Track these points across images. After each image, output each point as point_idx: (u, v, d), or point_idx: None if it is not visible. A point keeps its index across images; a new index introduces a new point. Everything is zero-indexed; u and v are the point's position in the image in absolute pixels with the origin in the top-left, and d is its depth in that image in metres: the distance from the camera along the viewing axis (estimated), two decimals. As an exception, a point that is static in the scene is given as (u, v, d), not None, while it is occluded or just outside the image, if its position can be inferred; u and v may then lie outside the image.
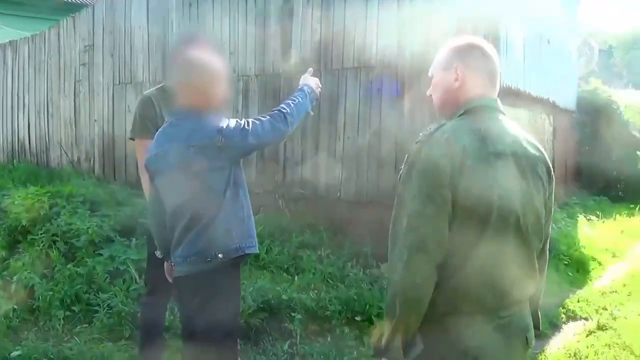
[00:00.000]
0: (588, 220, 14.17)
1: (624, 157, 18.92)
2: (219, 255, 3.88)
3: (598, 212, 15.06)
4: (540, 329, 3.14)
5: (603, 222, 14.48)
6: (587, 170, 17.65)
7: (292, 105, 4.23)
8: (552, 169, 2.94)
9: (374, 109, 8.96)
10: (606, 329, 7.50)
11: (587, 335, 7.34)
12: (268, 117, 4.09)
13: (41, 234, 8.52)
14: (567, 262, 10.17)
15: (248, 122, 3.96)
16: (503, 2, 11.15)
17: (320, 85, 4.71)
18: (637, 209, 16.19)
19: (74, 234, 8.45)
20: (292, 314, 6.78)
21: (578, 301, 8.53)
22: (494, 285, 2.66)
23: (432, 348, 2.66)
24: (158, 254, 4.49)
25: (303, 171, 9.69)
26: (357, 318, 7.01)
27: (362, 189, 9.06)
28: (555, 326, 7.63)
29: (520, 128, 2.95)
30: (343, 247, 8.78)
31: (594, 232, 13.11)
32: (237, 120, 3.96)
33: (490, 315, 2.70)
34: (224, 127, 3.85)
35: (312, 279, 7.69)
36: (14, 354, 5.99)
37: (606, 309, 8.25)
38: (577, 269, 10.18)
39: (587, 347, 6.87)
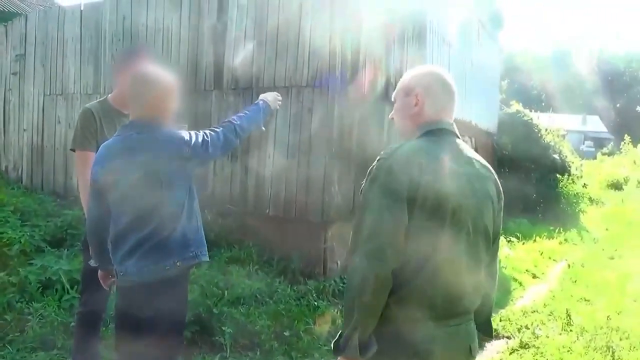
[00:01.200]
0: (508, 241, 14.66)
1: (543, 180, 19.44)
2: (177, 263, 3.99)
3: (518, 234, 15.59)
4: (492, 337, 3.55)
5: (523, 243, 15.06)
6: (507, 192, 17.99)
7: (243, 118, 4.53)
8: (501, 189, 3.23)
9: (304, 128, 9.03)
10: (529, 347, 7.79)
11: (511, 353, 7.60)
12: (221, 128, 4.34)
13: (-28, 243, 8.40)
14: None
15: (206, 134, 4.19)
16: (429, 26, 11.53)
17: (280, 99, 5.06)
18: (556, 231, 16.71)
19: (5, 242, 8.44)
20: (223, 328, 6.85)
21: (500, 320, 8.77)
22: (445, 293, 2.90)
23: (385, 349, 2.84)
24: (92, 262, 4.56)
25: (232, 187, 9.77)
26: (286, 333, 7.14)
27: (290, 206, 9.17)
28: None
29: (472, 150, 3.25)
30: (271, 263, 8.92)
31: (515, 254, 13.58)
32: (196, 132, 4.15)
33: (440, 322, 2.92)
34: (189, 138, 4.04)
35: (241, 294, 7.77)
36: (-56, 363, 5.94)
37: (528, 328, 8.54)
38: (499, 289, 10.44)
39: (511, 365, 7.10)
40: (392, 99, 3.37)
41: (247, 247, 9.19)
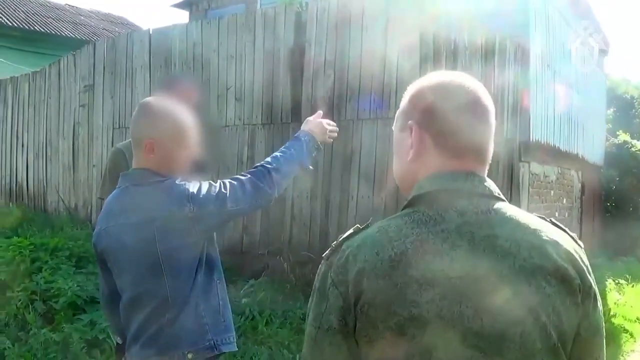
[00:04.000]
0: (617, 284, 13.21)
1: (652, 215, 18.22)
2: (188, 355, 3.09)
3: (627, 275, 14.06)
4: None
5: (633, 286, 13.51)
6: (615, 228, 16.83)
7: (280, 159, 3.37)
8: (577, 280, 1.75)
9: (392, 165, 8.05)
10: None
11: None
12: (249, 175, 3.23)
13: (19, 292, 7.87)
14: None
15: (225, 185, 3.14)
16: (532, 50, 10.56)
17: (333, 129, 3.72)
18: (670, 271, 15.30)
19: (54, 293, 7.77)
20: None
21: (612, 385, 7.52)
22: None
23: None
24: (117, 339, 3.74)
25: (311, 231, 8.93)
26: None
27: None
28: None
29: (535, 221, 1.83)
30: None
31: (624, 298, 12.21)
32: (210, 183, 3.13)
33: None
34: (195, 192, 3.03)
35: (315, 360, 6.77)
36: None
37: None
38: (608, 342, 9.22)
39: None
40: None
41: (327, 301, 8.15)
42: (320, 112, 3.77)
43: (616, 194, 18.54)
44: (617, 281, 13.32)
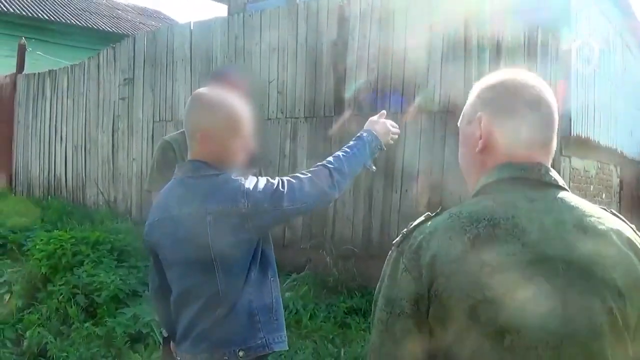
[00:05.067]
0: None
1: (693, 213, 17.98)
2: (239, 353, 3.02)
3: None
4: None
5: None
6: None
7: (342, 158, 3.26)
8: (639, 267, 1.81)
9: (436, 158, 8.13)
10: None
11: None
12: (309, 174, 3.14)
13: (60, 285, 7.89)
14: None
15: (283, 182, 3.05)
16: (576, 49, 10.46)
17: (396, 130, 3.63)
18: None
19: (96, 287, 7.75)
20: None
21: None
22: None
23: None
24: (164, 332, 3.76)
25: (354, 226, 8.87)
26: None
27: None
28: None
29: (601, 213, 1.89)
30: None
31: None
32: (267, 179, 3.06)
33: None
34: (251, 188, 2.96)
35: (361, 353, 6.67)
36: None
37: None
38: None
39: None
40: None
41: (371, 295, 8.03)
42: (384, 112, 3.66)
43: (654, 191, 18.37)
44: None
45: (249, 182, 2.98)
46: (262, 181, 3.02)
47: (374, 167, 3.49)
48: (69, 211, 12.70)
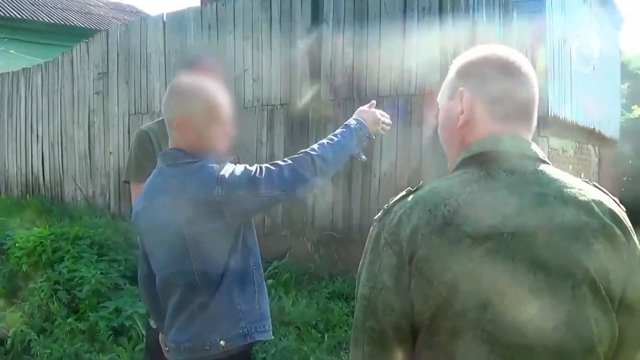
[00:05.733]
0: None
1: (672, 191, 18.09)
2: (221, 342, 2.99)
3: (644, 248, 13.99)
4: None
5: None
6: (631, 202, 16.73)
7: (327, 146, 3.18)
8: (622, 238, 1.81)
9: (414, 142, 8.13)
10: None
11: None
12: (290, 161, 3.07)
13: (42, 282, 7.84)
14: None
15: (261, 169, 2.98)
16: (550, 26, 10.52)
17: (386, 120, 3.55)
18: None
19: (78, 282, 7.73)
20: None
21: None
22: None
23: None
24: (152, 323, 3.69)
25: (334, 211, 8.88)
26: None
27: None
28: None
29: (579, 183, 1.88)
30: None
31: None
32: (245, 167, 3.01)
33: None
34: (226, 175, 2.92)
35: (344, 337, 6.70)
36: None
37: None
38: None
39: None
40: (438, 105, 2.15)
41: (352, 280, 8.00)
42: (373, 102, 3.59)
43: (632, 169, 18.43)
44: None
45: (226, 169, 2.94)
46: (240, 168, 2.99)
47: (363, 157, 3.46)
48: (47, 208, 12.65)
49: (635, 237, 1.84)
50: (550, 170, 1.87)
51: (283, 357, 6.14)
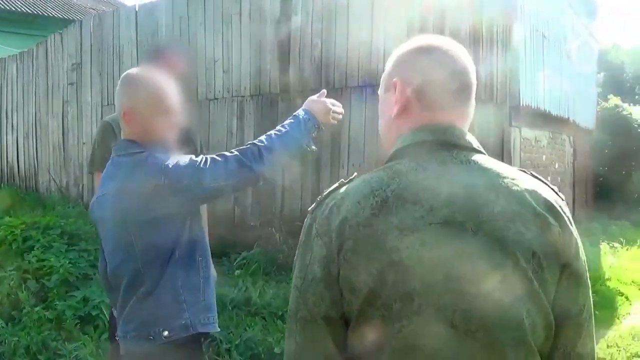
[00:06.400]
0: (611, 247, 13.13)
1: (646, 178, 18.12)
2: (164, 332, 2.99)
3: (622, 239, 13.95)
4: None
5: (627, 249, 13.39)
6: (607, 192, 16.80)
7: (274, 137, 3.17)
8: (557, 228, 1.79)
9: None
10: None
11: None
12: (237, 153, 3.06)
13: (11, 271, 7.82)
14: (593, 299, 9.21)
15: (206, 160, 2.98)
16: (523, 16, 10.51)
17: (338, 110, 3.47)
18: (663, 233, 15.21)
19: (47, 271, 7.73)
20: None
21: (608, 346, 7.45)
22: None
23: None
24: (114, 312, 3.60)
25: (303, 202, 8.91)
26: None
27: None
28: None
29: (514, 173, 1.87)
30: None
31: (619, 262, 12.07)
32: (191, 157, 3.00)
33: None
34: (170, 165, 2.91)
35: (310, 328, 6.75)
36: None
37: (640, 356, 7.23)
38: (604, 306, 9.13)
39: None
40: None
41: (320, 270, 8.14)
42: (324, 91, 3.51)
43: (608, 159, 18.41)
44: (611, 245, 13.21)
45: (170, 160, 2.94)
46: (185, 159, 2.98)
47: (314, 147, 3.36)
48: (21, 198, 12.67)
49: (571, 227, 1.83)
50: (483, 159, 1.86)
51: (248, 348, 6.12)
